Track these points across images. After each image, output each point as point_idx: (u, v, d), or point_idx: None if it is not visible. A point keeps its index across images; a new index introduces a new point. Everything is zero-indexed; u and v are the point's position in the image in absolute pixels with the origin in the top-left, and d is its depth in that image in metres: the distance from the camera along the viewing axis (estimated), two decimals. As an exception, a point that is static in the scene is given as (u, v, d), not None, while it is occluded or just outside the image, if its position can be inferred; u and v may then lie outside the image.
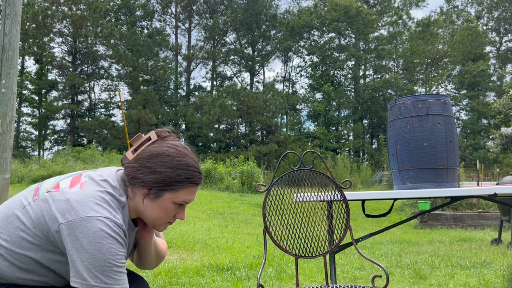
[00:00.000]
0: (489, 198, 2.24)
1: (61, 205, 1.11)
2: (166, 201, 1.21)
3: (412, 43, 32.77)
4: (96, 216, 1.09)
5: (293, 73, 38.19)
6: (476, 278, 3.60)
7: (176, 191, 1.21)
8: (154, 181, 1.19)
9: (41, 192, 1.18)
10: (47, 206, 1.13)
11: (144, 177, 1.19)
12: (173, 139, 1.26)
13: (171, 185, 1.19)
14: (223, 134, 31.03)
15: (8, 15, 3.40)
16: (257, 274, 3.62)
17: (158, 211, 1.22)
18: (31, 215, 1.14)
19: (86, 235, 1.07)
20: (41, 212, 1.13)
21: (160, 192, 1.20)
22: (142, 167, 1.19)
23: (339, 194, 1.80)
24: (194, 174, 1.23)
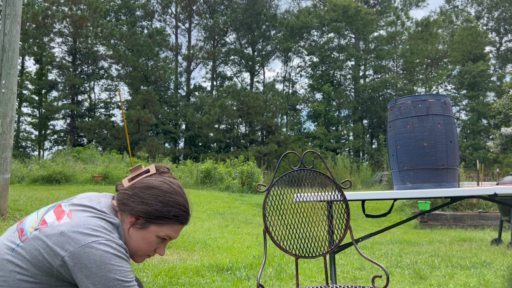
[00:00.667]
0: (489, 198, 2.24)
1: (58, 239, 1.10)
2: (151, 233, 1.23)
3: (412, 43, 32.77)
4: (96, 241, 1.10)
5: (293, 73, 38.22)
6: (476, 278, 3.60)
7: (162, 226, 1.23)
8: (143, 212, 1.21)
9: (28, 232, 1.15)
10: (41, 243, 1.11)
11: (134, 206, 1.21)
12: (170, 176, 1.30)
13: (158, 219, 1.22)
14: (223, 134, 31.03)
15: (8, 15, 3.40)
16: (257, 274, 3.62)
17: (141, 242, 1.24)
18: (26, 256, 1.11)
19: (93, 260, 1.08)
20: (37, 251, 1.10)
21: (147, 223, 1.22)
22: (135, 196, 1.22)
23: (339, 194, 1.80)
24: (183, 214, 1.27)
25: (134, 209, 1.21)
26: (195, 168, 13.95)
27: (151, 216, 1.21)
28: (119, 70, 33.10)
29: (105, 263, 1.08)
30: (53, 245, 1.10)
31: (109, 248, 1.10)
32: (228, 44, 37.10)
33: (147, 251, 1.27)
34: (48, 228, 1.13)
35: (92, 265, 1.07)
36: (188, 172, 14.21)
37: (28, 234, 1.14)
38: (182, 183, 13.43)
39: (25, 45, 28.60)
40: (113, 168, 12.41)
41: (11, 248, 1.14)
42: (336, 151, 30.43)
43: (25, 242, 1.13)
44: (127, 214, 1.23)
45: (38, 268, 1.10)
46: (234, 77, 37.62)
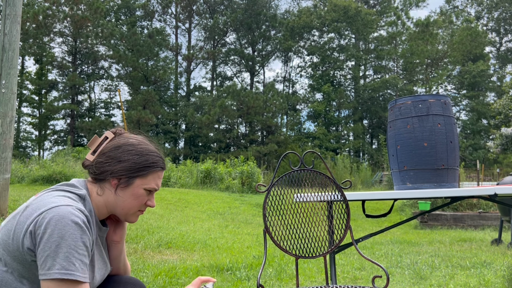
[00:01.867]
0: (489, 198, 2.24)
1: (24, 213, 1.12)
2: (137, 188, 1.24)
3: (412, 44, 32.78)
4: (57, 206, 1.10)
5: (293, 73, 38.23)
6: (476, 278, 3.60)
7: (145, 176, 1.25)
8: (123, 169, 1.22)
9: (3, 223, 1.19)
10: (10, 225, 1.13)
11: (112, 168, 1.22)
12: (129, 134, 1.31)
13: (140, 170, 1.24)
14: (223, 134, 31.03)
15: (8, 15, 3.40)
16: (257, 274, 3.61)
17: (131, 199, 1.25)
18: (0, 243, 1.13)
19: (49, 224, 1.07)
20: (7, 234, 1.12)
21: (131, 179, 1.23)
22: (108, 159, 1.23)
23: (339, 194, 1.80)
24: (159, 159, 1.28)
25: (113, 171, 1.22)
26: (195, 168, 13.95)
27: (132, 170, 1.23)
28: (119, 70, 33.12)
29: (59, 228, 1.07)
30: (21, 220, 1.11)
31: (67, 213, 1.09)
32: (228, 44, 37.11)
33: (138, 207, 1.27)
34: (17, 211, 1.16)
35: (47, 230, 1.06)
36: (188, 172, 14.21)
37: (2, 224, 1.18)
38: (182, 183, 13.46)
39: (25, 45, 28.60)
40: (113, 168, 12.39)
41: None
42: (336, 151, 30.43)
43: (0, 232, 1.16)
44: (107, 180, 1.23)
45: (10, 254, 1.11)
46: (234, 77, 37.64)
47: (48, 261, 1.05)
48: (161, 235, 5.50)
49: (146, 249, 4.73)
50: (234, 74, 37.87)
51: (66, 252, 1.06)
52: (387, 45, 34.86)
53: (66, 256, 1.06)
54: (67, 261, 1.06)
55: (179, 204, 9.37)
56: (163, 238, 5.31)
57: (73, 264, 1.07)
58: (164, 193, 10.41)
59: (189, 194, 11.03)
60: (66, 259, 1.06)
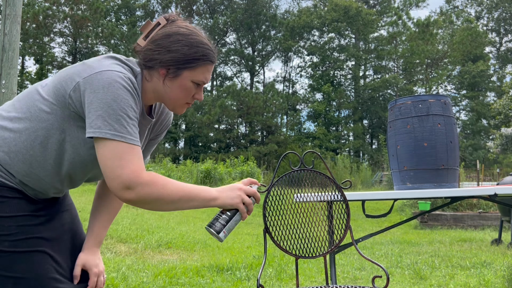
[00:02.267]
0: (489, 198, 2.24)
1: (78, 68, 1.15)
2: (185, 79, 1.23)
3: (412, 44, 32.78)
4: (110, 70, 1.12)
5: (293, 73, 38.22)
6: (476, 278, 3.60)
7: (194, 69, 1.23)
8: (172, 60, 1.20)
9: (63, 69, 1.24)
10: (64, 73, 1.17)
11: (161, 57, 1.20)
12: (182, 21, 1.27)
13: (189, 62, 1.21)
14: (223, 134, 31.03)
15: (8, 15, 3.40)
16: (257, 275, 3.61)
17: (178, 90, 1.23)
18: (49, 86, 1.17)
19: (102, 86, 1.08)
20: (58, 80, 1.16)
21: (179, 70, 1.21)
22: (158, 47, 1.20)
23: (339, 194, 1.80)
24: (209, 52, 1.25)
25: (162, 60, 1.20)
26: (195, 168, 13.96)
27: (180, 61, 1.20)
28: (119, 70, 33.07)
29: (112, 91, 1.09)
30: (72, 73, 1.14)
31: (119, 79, 1.11)
32: (228, 44, 37.10)
33: (185, 99, 1.26)
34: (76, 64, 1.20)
35: (99, 91, 1.08)
36: (188, 172, 14.21)
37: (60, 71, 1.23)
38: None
39: (25, 45, 28.59)
40: (113, 168, 12.40)
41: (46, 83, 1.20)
42: (336, 151, 30.43)
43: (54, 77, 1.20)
44: (156, 69, 1.22)
45: (55, 98, 1.14)
46: (234, 77, 37.63)
47: (99, 120, 1.07)
48: (161, 235, 5.50)
49: (146, 249, 4.73)
50: (234, 74, 37.88)
51: (118, 115, 1.08)
52: (387, 45, 34.86)
53: (118, 118, 1.08)
54: (119, 123, 1.08)
55: (179, 204, 9.35)
56: (163, 238, 5.31)
57: (125, 127, 1.09)
58: (164, 193, 10.39)
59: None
60: (118, 121, 1.08)
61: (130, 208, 7.56)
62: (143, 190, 1.09)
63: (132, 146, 1.10)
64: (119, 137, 1.08)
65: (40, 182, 1.17)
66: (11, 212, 1.12)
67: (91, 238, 1.34)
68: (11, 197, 1.13)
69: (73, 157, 1.16)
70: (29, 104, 1.16)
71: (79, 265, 1.27)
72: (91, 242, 1.34)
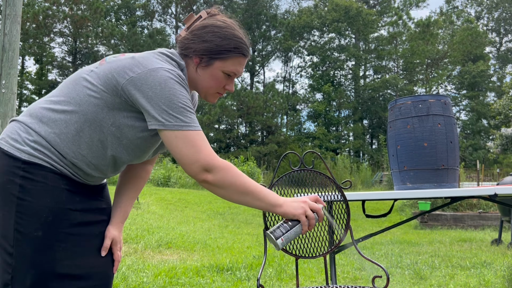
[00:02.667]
0: (489, 198, 2.24)
1: (129, 61, 1.20)
2: (216, 69, 1.29)
3: (412, 44, 32.78)
4: (162, 68, 1.18)
5: (293, 73, 38.22)
6: (476, 278, 3.60)
7: (225, 60, 1.29)
8: (205, 49, 1.27)
9: (107, 59, 1.27)
10: (114, 65, 1.21)
11: (196, 46, 1.28)
12: (222, 16, 1.35)
13: (220, 53, 1.27)
14: (223, 134, 31.02)
15: (8, 15, 3.39)
16: (257, 275, 3.61)
17: (210, 79, 1.30)
18: (99, 75, 1.21)
19: (158, 82, 1.15)
20: (109, 70, 1.20)
21: (211, 60, 1.28)
22: (194, 37, 1.29)
23: (340, 194, 1.80)
24: (242, 45, 1.30)
25: (196, 49, 1.27)
26: (195, 168, 13.94)
27: (213, 51, 1.27)
28: (119, 70, 33.07)
29: (169, 86, 1.16)
30: (124, 66, 1.20)
31: (173, 76, 1.18)
32: (228, 44, 37.08)
33: (216, 88, 1.32)
34: (124, 56, 1.25)
35: (156, 87, 1.15)
36: (188, 172, 14.18)
37: (107, 60, 1.26)
38: (182, 183, 13.47)
39: (25, 45, 28.58)
40: (113, 168, 12.41)
41: (90, 70, 1.25)
42: (336, 152, 30.42)
43: (102, 65, 1.24)
44: (191, 57, 1.29)
45: (105, 85, 1.19)
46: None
47: (164, 114, 1.15)
48: (161, 235, 5.50)
49: (146, 249, 4.73)
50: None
51: (181, 108, 1.16)
52: (387, 45, 34.86)
53: (181, 111, 1.16)
54: (183, 115, 1.16)
55: (179, 204, 9.37)
56: (163, 238, 5.31)
57: (189, 117, 1.17)
58: (164, 193, 10.41)
59: (189, 194, 11.02)
60: (181, 113, 1.16)
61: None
62: (220, 173, 1.17)
63: (200, 132, 1.18)
64: (187, 127, 1.16)
65: (88, 164, 1.22)
66: None
67: (120, 213, 1.41)
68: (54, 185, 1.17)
69: (120, 140, 1.22)
70: (78, 89, 1.21)
71: (110, 238, 1.32)
72: (119, 217, 1.40)
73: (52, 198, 1.15)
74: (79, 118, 1.19)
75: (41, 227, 1.13)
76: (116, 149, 1.23)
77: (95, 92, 1.19)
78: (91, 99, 1.19)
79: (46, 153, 1.17)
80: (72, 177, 1.20)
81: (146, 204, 8.15)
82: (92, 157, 1.21)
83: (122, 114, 1.21)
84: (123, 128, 1.21)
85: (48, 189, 1.15)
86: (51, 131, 1.18)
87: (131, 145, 1.24)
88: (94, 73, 1.23)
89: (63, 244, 1.15)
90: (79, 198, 1.22)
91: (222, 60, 1.28)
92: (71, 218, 1.18)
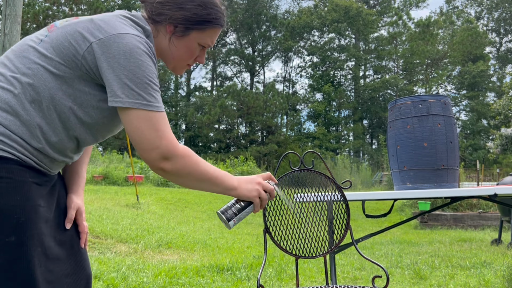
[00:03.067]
0: (489, 198, 2.24)
1: (87, 25, 1.04)
2: (192, 40, 1.18)
3: (412, 44, 32.78)
4: (127, 34, 1.03)
5: (293, 74, 38.22)
6: (476, 278, 3.60)
7: (203, 31, 1.18)
8: (182, 18, 1.14)
9: (57, 24, 1.11)
10: (69, 29, 1.05)
11: (172, 13, 1.14)
12: None
13: (199, 23, 1.16)
14: (223, 134, 31.02)
15: (9, 15, 3.40)
16: (257, 275, 3.61)
17: (183, 50, 1.19)
18: (52, 44, 1.04)
19: (123, 51, 1.01)
20: (63, 37, 1.04)
21: (188, 30, 1.16)
22: (170, 2, 1.14)
23: (339, 194, 1.80)
24: (221, 15, 1.20)
25: (172, 17, 1.14)
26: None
27: (191, 21, 1.15)
28: (119, 70, 33.06)
29: (135, 57, 1.01)
30: (82, 30, 1.03)
31: (140, 44, 1.03)
32: (228, 44, 37.11)
33: (188, 60, 1.22)
34: (77, 19, 1.09)
35: (120, 56, 1.01)
36: (188, 172, 14.19)
37: (58, 25, 1.09)
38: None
39: (25, 45, 28.59)
40: (113, 169, 12.41)
41: (39, 39, 1.08)
42: (336, 152, 30.43)
43: (53, 32, 1.07)
44: (163, 25, 1.15)
45: (62, 57, 1.03)
46: (234, 77, 37.64)
47: (125, 89, 1.00)
48: (161, 235, 5.50)
49: (146, 249, 4.73)
50: (234, 74, 37.88)
51: (145, 83, 1.02)
52: (387, 45, 34.87)
53: (145, 87, 1.02)
54: (147, 92, 1.02)
55: (179, 204, 9.37)
56: (163, 238, 5.31)
57: (153, 96, 1.03)
58: (164, 193, 10.41)
59: (189, 194, 11.03)
60: (145, 90, 1.02)
61: (130, 208, 7.56)
62: (179, 162, 1.07)
63: (164, 115, 1.05)
64: (150, 107, 1.02)
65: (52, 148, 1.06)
66: None
67: (78, 179, 1.28)
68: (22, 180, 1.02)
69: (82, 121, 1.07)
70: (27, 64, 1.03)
71: (74, 208, 1.21)
72: (78, 184, 1.27)
73: (21, 195, 0.98)
74: (36, 97, 1.02)
75: (13, 231, 0.96)
76: (79, 130, 1.08)
77: (51, 66, 1.03)
78: (46, 75, 1.02)
79: (6, 142, 0.99)
80: (37, 167, 1.04)
81: (146, 204, 8.15)
82: (56, 141, 1.05)
83: (84, 91, 1.05)
84: (86, 107, 1.06)
85: (15, 185, 0.98)
86: (6, 115, 1.00)
87: (96, 125, 1.10)
88: (45, 43, 1.05)
89: (38, 248, 1.00)
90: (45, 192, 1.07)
91: (200, 31, 1.16)
92: (41, 216, 1.03)
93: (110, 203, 7.68)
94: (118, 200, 8.20)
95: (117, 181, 11.61)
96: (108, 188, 9.96)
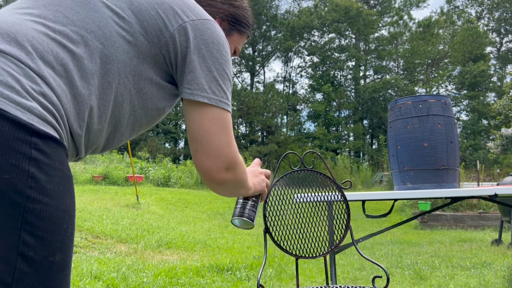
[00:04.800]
0: (490, 198, 2.24)
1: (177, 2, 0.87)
2: (232, 42, 1.07)
3: (413, 44, 32.78)
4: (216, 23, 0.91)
5: (293, 74, 38.23)
6: (476, 278, 3.60)
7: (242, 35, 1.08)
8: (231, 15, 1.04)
9: None
10: None
11: (223, 7, 1.04)
12: None
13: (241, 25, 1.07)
14: (223, 134, 31.03)
15: (9, 15, 3.39)
16: (257, 275, 3.61)
17: None
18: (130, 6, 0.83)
19: (216, 41, 0.87)
20: (149, 4, 0.84)
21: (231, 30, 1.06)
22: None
23: (340, 194, 1.79)
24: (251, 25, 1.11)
25: (224, 10, 1.03)
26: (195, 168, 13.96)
27: (236, 21, 1.04)
28: (120, 70, 33.08)
29: (226, 51, 0.90)
30: (173, 4, 0.86)
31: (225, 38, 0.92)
32: (228, 44, 37.14)
33: None
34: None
35: (214, 46, 0.87)
36: (188, 172, 14.21)
37: None
38: (182, 183, 13.45)
39: (25, 45, 28.57)
40: (113, 169, 12.42)
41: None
42: (336, 152, 30.43)
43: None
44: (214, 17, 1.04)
45: (145, 26, 0.82)
46: (234, 77, 37.66)
47: (213, 84, 0.85)
48: (161, 235, 5.50)
49: (146, 249, 4.73)
50: (234, 74, 37.89)
51: (228, 81, 0.89)
52: (387, 45, 34.88)
53: (229, 85, 0.89)
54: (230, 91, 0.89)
55: (179, 204, 9.37)
56: (163, 238, 5.31)
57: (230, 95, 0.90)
58: (164, 193, 10.41)
59: (189, 194, 11.03)
60: (229, 90, 0.89)
61: (130, 208, 7.56)
62: (239, 171, 0.91)
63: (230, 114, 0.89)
64: (229, 107, 0.88)
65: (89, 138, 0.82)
66: None
67: None
68: None
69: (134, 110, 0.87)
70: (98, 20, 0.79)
71: None
72: None
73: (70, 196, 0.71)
74: (101, 67, 0.77)
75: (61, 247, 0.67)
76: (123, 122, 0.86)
77: (127, 33, 0.80)
78: (121, 42, 0.80)
79: (57, 118, 0.70)
80: None
81: (146, 204, 8.15)
82: (95, 130, 0.81)
83: (151, 74, 0.85)
84: (146, 93, 0.86)
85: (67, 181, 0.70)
86: (60, 82, 0.72)
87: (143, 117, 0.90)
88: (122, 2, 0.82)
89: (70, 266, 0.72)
90: None
91: (240, 34, 1.06)
92: None
93: (110, 203, 7.68)
94: (118, 200, 8.20)
95: (117, 181, 11.61)
96: (108, 188, 9.96)
